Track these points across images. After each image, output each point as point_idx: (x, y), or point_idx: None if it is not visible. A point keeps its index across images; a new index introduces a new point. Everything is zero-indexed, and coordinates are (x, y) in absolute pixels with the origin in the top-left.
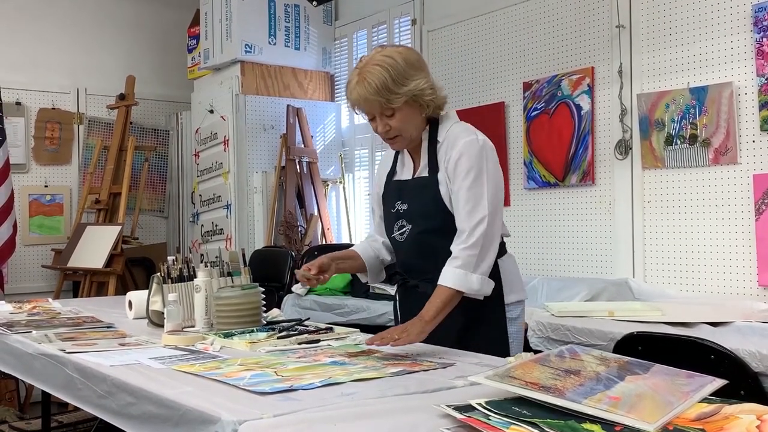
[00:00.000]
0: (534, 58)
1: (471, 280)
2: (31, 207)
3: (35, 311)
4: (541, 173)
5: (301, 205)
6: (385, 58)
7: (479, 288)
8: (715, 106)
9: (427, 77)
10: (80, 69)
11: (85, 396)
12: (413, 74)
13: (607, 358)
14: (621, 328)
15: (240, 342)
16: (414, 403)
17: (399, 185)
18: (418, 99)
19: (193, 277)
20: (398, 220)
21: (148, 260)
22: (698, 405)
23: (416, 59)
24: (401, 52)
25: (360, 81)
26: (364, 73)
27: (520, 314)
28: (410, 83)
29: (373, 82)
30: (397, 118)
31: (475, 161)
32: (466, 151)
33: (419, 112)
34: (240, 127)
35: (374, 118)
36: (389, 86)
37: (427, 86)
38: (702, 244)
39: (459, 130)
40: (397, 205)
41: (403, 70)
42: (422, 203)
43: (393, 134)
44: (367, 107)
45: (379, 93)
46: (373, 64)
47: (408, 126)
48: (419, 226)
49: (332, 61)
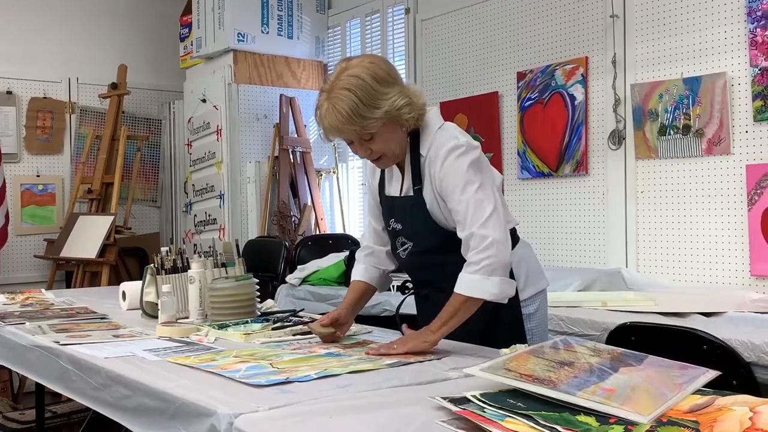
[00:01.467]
0: (528, 48)
1: (488, 285)
2: (23, 197)
3: (28, 302)
4: (534, 163)
5: (294, 195)
6: (351, 79)
7: (499, 291)
8: (709, 96)
9: (401, 90)
10: (72, 58)
11: (79, 388)
12: (385, 92)
13: (601, 350)
14: (614, 318)
15: (234, 333)
16: (409, 396)
17: (389, 202)
18: (396, 118)
19: (186, 268)
20: (398, 238)
21: (141, 250)
22: (692, 397)
23: (385, 73)
24: (368, 68)
25: (329, 109)
26: (332, 99)
27: (540, 306)
28: (384, 104)
29: (343, 110)
30: (377, 141)
31: (459, 168)
32: (447, 161)
33: (399, 129)
34: (233, 116)
35: (352, 142)
36: (361, 112)
37: (403, 102)
38: (695, 234)
39: (441, 140)
40: (392, 224)
41: (373, 91)
42: (414, 224)
43: (376, 156)
44: (343, 135)
45: (351, 121)
46: (339, 88)
47: (390, 146)
48: (419, 246)
49: (325, 50)
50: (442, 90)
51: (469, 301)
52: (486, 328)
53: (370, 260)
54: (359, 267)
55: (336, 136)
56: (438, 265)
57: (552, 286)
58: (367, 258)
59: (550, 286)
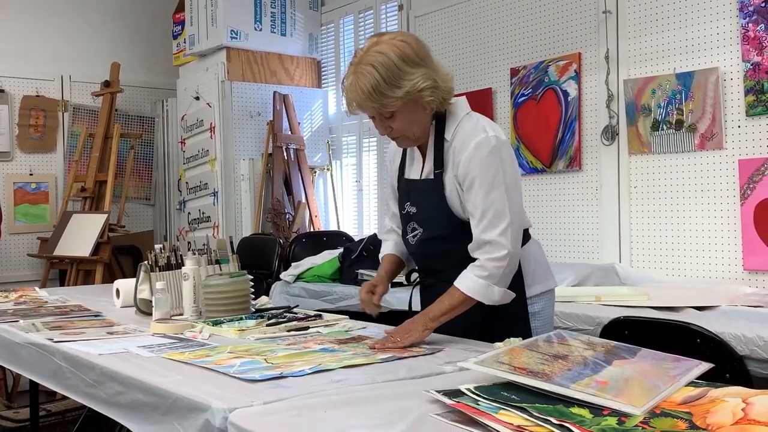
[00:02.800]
0: (521, 44)
1: (492, 292)
2: (16, 195)
3: (22, 300)
4: (528, 159)
5: (288, 192)
6: (378, 56)
7: (498, 299)
8: (701, 91)
9: (426, 72)
10: (64, 56)
11: (73, 385)
12: (409, 72)
13: (595, 343)
14: (608, 312)
15: (229, 330)
16: (403, 389)
17: (408, 185)
18: (417, 99)
19: (180, 265)
20: (410, 222)
21: (135, 248)
22: (685, 389)
23: (413, 53)
24: (397, 46)
25: (353, 83)
26: (357, 74)
27: (546, 306)
28: (406, 83)
29: (364, 86)
30: (397, 120)
31: (489, 165)
32: (477, 155)
33: (422, 111)
34: (226, 114)
35: (374, 117)
36: (382, 90)
37: (426, 84)
38: (688, 228)
39: (469, 128)
40: (407, 207)
41: (397, 70)
42: (430, 209)
43: (396, 135)
44: (364, 110)
45: (371, 98)
46: (365, 63)
47: (411, 126)
48: (429, 232)
49: (319, 47)
50: None
51: (467, 300)
52: (489, 320)
53: (395, 238)
54: (388, 243)
55: (357, 110)
56: (447, 253)
57: None
58: (393, 236)
59: None
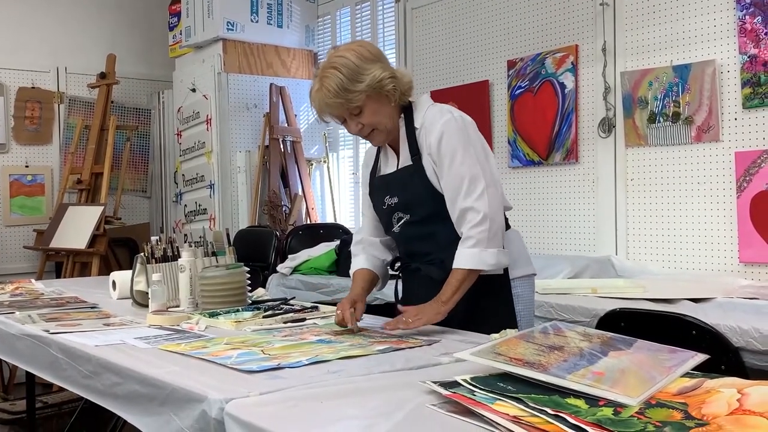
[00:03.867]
0: (518, 36)
1: (485, 256)
2: (11, 187)
3: (18, 292)
4: (525, 151)
5: (285, 184)
6: (338, 59)
7: (495, 262)
8: (698, 83)
9: (384, 66)
10: (60, 47)
11: (70, 376)
12: (367, 68)
13: (591, 334)
14: (604, 304)
15: (225, 321)
16: (400, 380)
17: (385, 179)
18: (379, 90)
19: (177, 257)
20: (393, 214)
21: (132, 240)
22: (680, 380)
23: (369, 52)
24: (353, 49)
25: (318, 88)
26: (322, 77)
27: (527, 290)
28: (366, 77)
29: (330, 85)
30: (366, 114)
31: (458, 138)
32: (446, 131)
33: (387, 102)
34: (223, 106)
35: (345, 120)
36: (346, 86)
37: (384, 75)
38: (684, 221)
39: (434, 112)
40: (387, 200)
41: (357, 67)
42: (413, 192)
43: (367, 131)
44: (332, 111)
45: (337, 95)
46: (328, 68)
47: (380, 118)
48: (415, 215)
49: (315, 39)
50: (432, 79)
51: (470, 274)
52: (475, 301)
53: (367, 250)
54: (359, 258)
55: (327, 112)
56: (431, 234)
57: (542, 273)
58: (364, 248)
59: (541, 274)
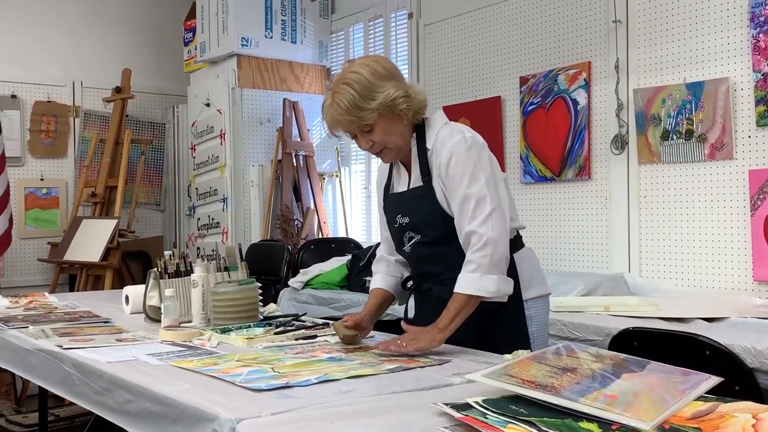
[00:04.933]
0: (531, 53)
1: (485, 282)
2: (27, 200)
3: (32, 306)
4: (537, 168)
5: (297, 198)
6: (352, 75)
7: (496, 289)
8: (712, 101)
9: (398, 84)
10: (76, 62)
11: (82, 392)
12: (381, 85)
13: (603, 356)
14: (617, 323)
15: (237, 338)
16: (411, 401)
17: (397, 198)
18: (392, 109)
19: (189, 272)
20: (404, 233)
21: (145, 254)
22: (694, 403)
23: (384, 69)
24: (368, 65)
25: (331, 102)
26: (334, 94)
27: (541, 311)
28: (379, 95)
29: (341, 102)
30: (377, 132)
31: (467, 160)
32: (455, 152)
33: (399, 121)
34: (236, 120)
35: (355, 136)
36: (358, 103)
37: (398, 94)
38: (697, 239)
39: (446, 133)
40: (399, 219)
41: (370, 84)
42: (423, 214)
43: (378, 148)
44: (343, 127)
45: (349, 112)
46: (340, 83)
47: (391, 137)
48: (426, 236)
49: (329, 55)
50: (445, 94)
51: (470, 300)
52: (487, 323)
53: (386, 269)
54: (377, 277)
55: (338, 128)
56: (441, 255)
57: (555, 290)
58: (383, 267)
59: (553, 291)
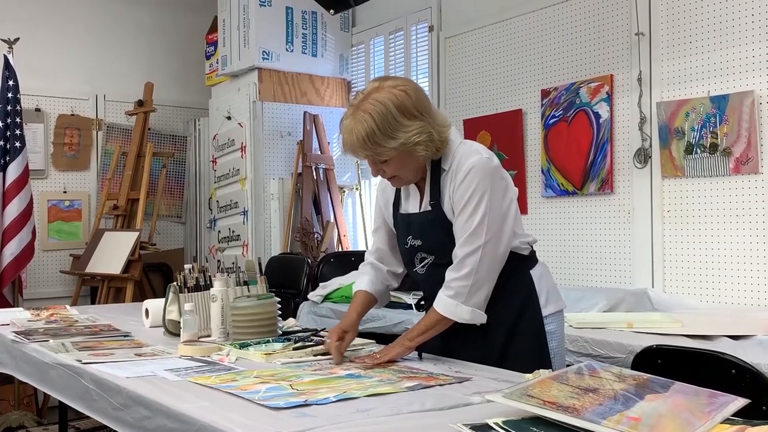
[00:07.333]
0: (552, 66)
1: (461, 311)
2: (49, 213)
3: (53, 318)
4: (559, 181)
5: (317, 211)
6: (376, 105)
7: (470, 318)
8: (736, 114)
9: (423, 126)
10: (99, 75)
11: (100, 408)
12: (405, 125)
13: (626, 375)
14: (640, 340)
15: (256, 353)
16: (430, 422)
17: (407, 219)
18: (411, 152)
19: (209, 286)
20: (416, 254)
21: (166, 266)
22: (720, 426)
23: (412, 104)
24: (396, 96)
25: (350, 129)
26: (354, 118)
27: (559, 326)
28: (401, 135)
29: (359, 134)
30: (390, 166)
31: (478, 184)
32: (469, 173)
33: (416, 159)
34: (257, 133)
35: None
36: (377, 139)
37: (420, 140)
38: (722, 254)
39: (464, 151)
40: (410, 241)
41: (394, 121)
42: (437, 239)
43: (389, 176)
44: (357, 155)
45: (364, 146)
46: (363, 110)
47: (404, 171)
48: (442, 258)
49: (349, 68)
50: (465, 107)
51: (444, 319)
52: (509, 341)
53: (374, 274)
54: (365, 279)
55: (351, 153)
56: None
57: (577, 306)
58: (371, 272)
59: (576, 307)
